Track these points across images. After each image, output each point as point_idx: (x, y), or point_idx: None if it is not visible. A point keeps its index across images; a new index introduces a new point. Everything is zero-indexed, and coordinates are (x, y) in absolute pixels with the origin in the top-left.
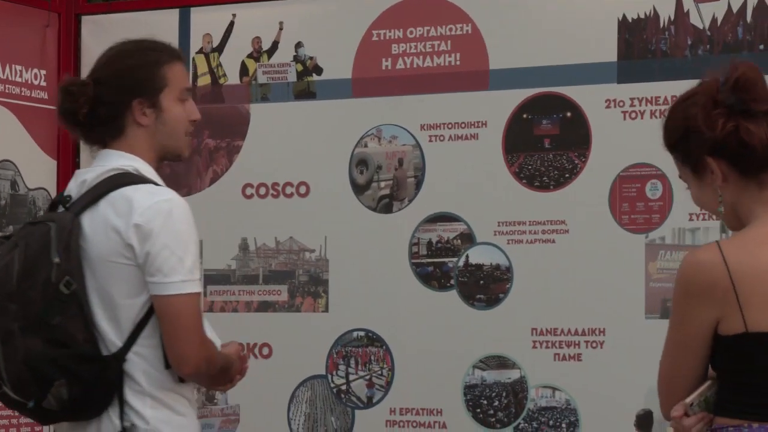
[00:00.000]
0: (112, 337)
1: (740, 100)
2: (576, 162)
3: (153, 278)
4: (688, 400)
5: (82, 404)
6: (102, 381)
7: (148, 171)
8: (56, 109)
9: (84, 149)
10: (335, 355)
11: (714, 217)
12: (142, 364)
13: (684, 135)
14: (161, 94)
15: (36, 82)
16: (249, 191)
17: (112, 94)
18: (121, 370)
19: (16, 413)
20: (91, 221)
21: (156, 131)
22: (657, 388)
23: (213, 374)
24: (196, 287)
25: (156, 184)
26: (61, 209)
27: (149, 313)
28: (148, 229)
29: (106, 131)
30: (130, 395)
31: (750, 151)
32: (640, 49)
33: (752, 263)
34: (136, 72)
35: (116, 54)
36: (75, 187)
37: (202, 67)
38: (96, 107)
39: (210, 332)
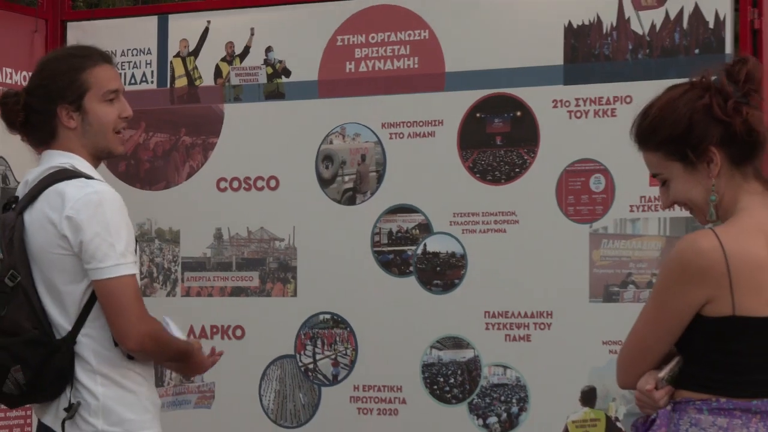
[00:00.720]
0: (62, 322)
1: (746, 93)
2: (525, 158)
3: (89, 265)
4: (662, 374)
5: (38, 387)
6: (52, 364)
7: (84, 166)
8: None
9: None
10: (303, 337)
11: (681, 208)
12: (91, 344)
13: (688, 128)
14: (84, 97)
15: (25, 84)
16: (223, 185)
17: (40, 103)
18: (71, 352)
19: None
20: (30, 217)
21: (84, 132)
22: (620, 359)
23: (168, 355)
24: (130, 269)
25: (89, 177)
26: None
27: (93, 296)
28: (78, 220)
29: (42, 135)
30: (81, 374)
31: (755, 138)
32: (585, 53)
33: (745, 252)
34: (58, 79)
35: (43, 64)
36: (21, 188)
37: (179, 69)
38: (29, 115)
39: (175, 330)
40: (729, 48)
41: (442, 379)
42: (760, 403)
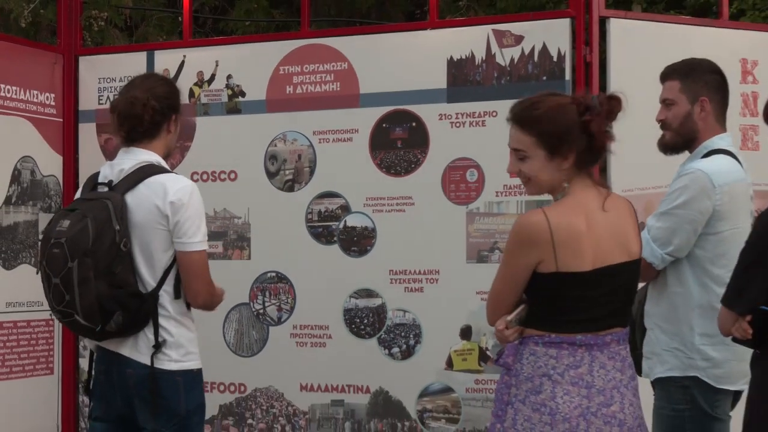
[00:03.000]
0: (149, 279)
1: (609, 121)
2: (419, 157)
3: (179, 239)
4: (509, 317)
5: (129, 326)
6: (143, 310)
7: (164, 163)
8: (120, 116)
9: (82, 149)
10: (255, 289)
11: (523, 191)
12: (168, 297)
13: (566, 133)
14: (179, 113)
15: (48, 102)
16: (195, 177)
17: (164, 108)
18: (156, 302)
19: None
20: (133, 199)
21: (172, 138)
22: (486, 305)
23: (215, 304)
24: (206, 246)
25: (175, 173)
26: (103, 189)
27: (173, 262)
28: (179, 205)
29: (148, 134)
30: (162, 319)
31: (601, 150)
32: (462, 79)
33: (566, 224)
34: (175, 96)
35: (159, 82)
36: (112, 174)
37: None
38: (154, 116)
39: None
40: (568, 75)
41: (358, 320)
42: (583, 338)
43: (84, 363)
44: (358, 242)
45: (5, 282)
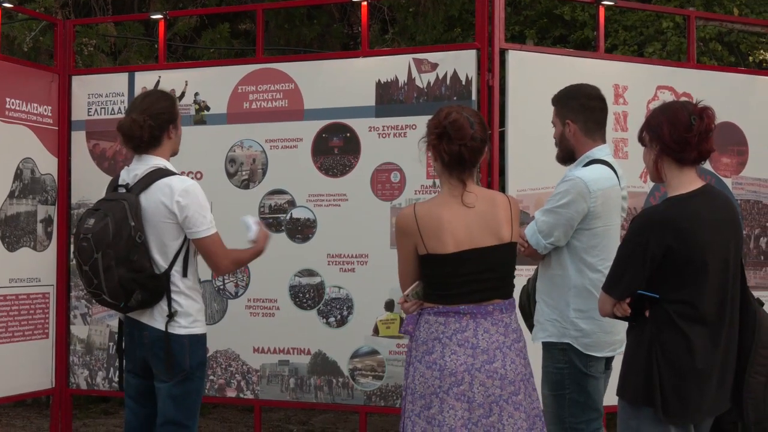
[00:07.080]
0: (161, 263)
1: (449, 134)
2: (352, 161)
3: (189, 230)
4: (405, 292)
5: (147, 301)
6: (159, 288)
7: (170, 166)
8: (124, 136)
9: (74, 152)
10: None
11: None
12: (178, 275)
13: (430, 131)
14: (177, 120)
15: (46, 113)
16: None
17: (161, 123)
18: (168, 280)
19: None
20: (146, 199)
21: (174, 142)
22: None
23: (245, 264)
24: (214, 230)
25: (178, 175)
26: (122, 190)
27: (181, 248)
28: (183, 204)
29: (151, 144)
30: (174, 294)
31: (444, 159)
32: (388, 98)
33: (429, 214)
34: (171, 110)
35: (154, 101)
36: (128, 178)
37: None
38: (152, 132)
39: (252, 224)
40: (474, 96)
41: (301, 295)
42: (466, 308)
43: (75, 330)
44: (301, 231)
45: (8, 262)
